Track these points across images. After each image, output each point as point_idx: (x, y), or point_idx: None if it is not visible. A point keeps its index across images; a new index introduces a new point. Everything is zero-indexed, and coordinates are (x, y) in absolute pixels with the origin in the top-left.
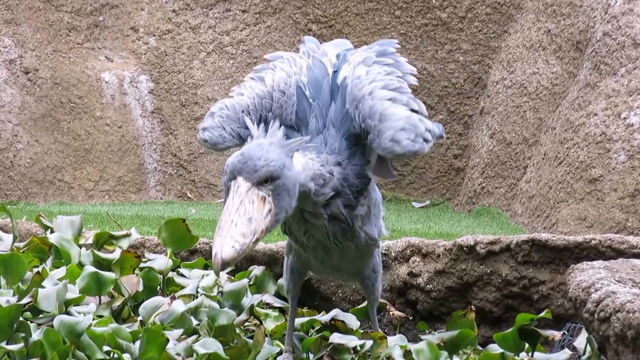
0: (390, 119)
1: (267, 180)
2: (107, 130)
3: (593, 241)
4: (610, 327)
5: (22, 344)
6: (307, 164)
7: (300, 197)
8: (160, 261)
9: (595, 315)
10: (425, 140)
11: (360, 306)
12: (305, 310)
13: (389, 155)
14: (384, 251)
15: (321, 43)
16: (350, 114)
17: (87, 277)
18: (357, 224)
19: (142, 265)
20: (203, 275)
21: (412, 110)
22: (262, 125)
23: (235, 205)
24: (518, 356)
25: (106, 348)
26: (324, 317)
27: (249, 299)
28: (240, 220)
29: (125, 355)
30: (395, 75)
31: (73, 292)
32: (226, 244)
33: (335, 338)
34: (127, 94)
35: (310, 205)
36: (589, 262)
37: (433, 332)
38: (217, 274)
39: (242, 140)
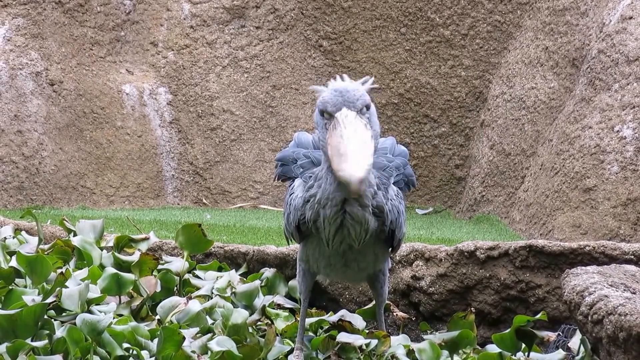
0: None
1: (365, 108)
2: (127, 140)
3: (587, 247)
4: (603, 329)
5: (46, 341)
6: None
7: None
8: (177, 263)
9: (589, 318)
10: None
11: (366, 307)
12: (314, 310)
13: None
14: None
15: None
16: None
17: (107, 278)
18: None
19: (159, 267)
20: (217, 277)
21: None
22: None
23: (351, 131)
24: (515, 356)
25: (126, 345)
26: (331, 318)
27: (260, 300)
28: (360, 145)
29: (144, 352)
30: None
31: (95, 292)
32: (358, 165)
33: (343, 337)
34: (147, 105)
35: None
36: (583, 267)
37: (435, 332)
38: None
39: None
